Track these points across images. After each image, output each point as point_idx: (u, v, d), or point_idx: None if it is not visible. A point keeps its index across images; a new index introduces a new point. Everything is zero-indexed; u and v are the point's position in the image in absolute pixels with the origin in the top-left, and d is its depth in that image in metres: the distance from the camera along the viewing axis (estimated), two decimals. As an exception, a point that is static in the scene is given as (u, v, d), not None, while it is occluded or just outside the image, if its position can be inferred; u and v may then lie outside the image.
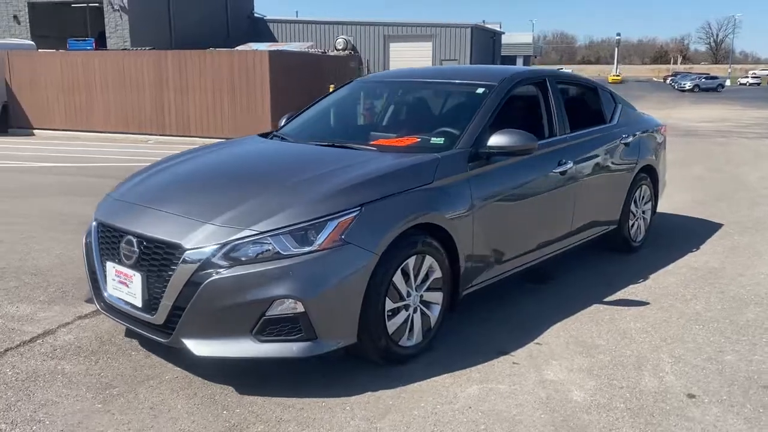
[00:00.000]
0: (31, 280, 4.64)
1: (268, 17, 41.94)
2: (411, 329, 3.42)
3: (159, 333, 3.09)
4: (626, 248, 5.49)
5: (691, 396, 3.13)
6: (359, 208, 3.13)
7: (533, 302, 4.38)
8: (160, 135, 15.02)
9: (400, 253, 3.24)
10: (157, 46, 29.45)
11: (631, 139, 5.29)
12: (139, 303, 3.14)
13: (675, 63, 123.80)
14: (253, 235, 2.97)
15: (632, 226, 5.48)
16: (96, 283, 3.43)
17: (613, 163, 5.06)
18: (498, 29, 48.90)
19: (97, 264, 3.40)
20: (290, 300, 2.92)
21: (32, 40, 33.14)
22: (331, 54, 34.85)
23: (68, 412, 2.89)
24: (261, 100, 13.74)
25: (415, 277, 3.38)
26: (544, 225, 4.37)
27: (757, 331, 3.93)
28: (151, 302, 3.10)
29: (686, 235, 6.23)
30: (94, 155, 12.34)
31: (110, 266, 3.30)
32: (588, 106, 5.28)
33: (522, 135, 3.82)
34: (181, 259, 2.97)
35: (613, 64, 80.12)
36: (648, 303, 4.38)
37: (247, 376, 3.21)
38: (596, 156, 4.86)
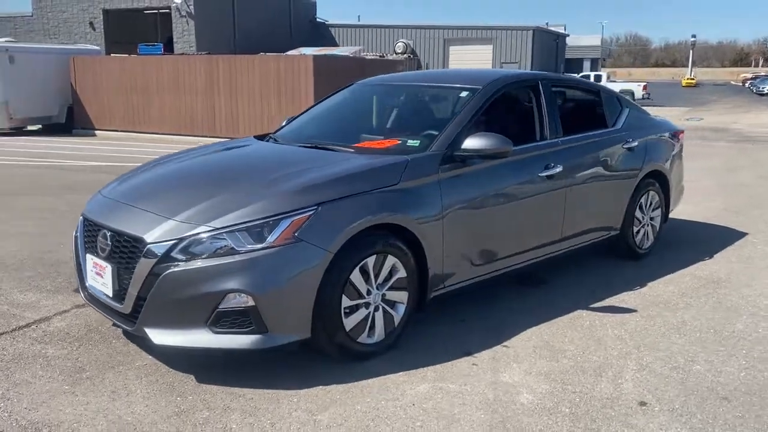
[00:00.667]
0: (45, 271, 4.96)
1: (330, 22, 42.58)
2: (372, 327, 3.50)
3: (126, 321, 3.28)
4: (631, 255, 5.39)
5: (642, 404, 3.09)
6: (316, 207, 3.24)
7: (517, 306, 4.38)
8: (211, 137, 15.53)
9: (358, 251, 3.33)
10: (221, 50, 30.43)
11: (635, 143, 5.19)
12: (110, 293, 3.34)
13: (756, 66, 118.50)
14: (209, 231, 3.13)
15: (637, 232, 5.37)
16: (81, 274, 3.66)
17: (612, 167, 4.99)
18: (562, 32, 48.05)
19: (81, 256, 3.63)
20: (241, 294, 3.06)
21: (106, 46, 34.80)
22: (390, 58, 35.15)
23: (37, 392, 3.11)
24: (305, 102, 14.01)
25: (376, 276, 3.45)
26: (528, 229, 4.36)
27: (739, 342, 3.81)
28: (120, 292, 3.29)
29: (704, 243, 6.04)
30: (144, 156, 12.89)
31: (89, 258, 3.52)
32: (587, 109, 5.23)
33: (496, 138, 3.84)
34: (143, 252, 3.15)
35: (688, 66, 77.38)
36: (635, 311, 4.31)
37: (213, 366, 3.37)
38: (592, 160, 4.80)
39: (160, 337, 3.15)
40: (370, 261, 3.41)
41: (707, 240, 6.16)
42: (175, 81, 15.73)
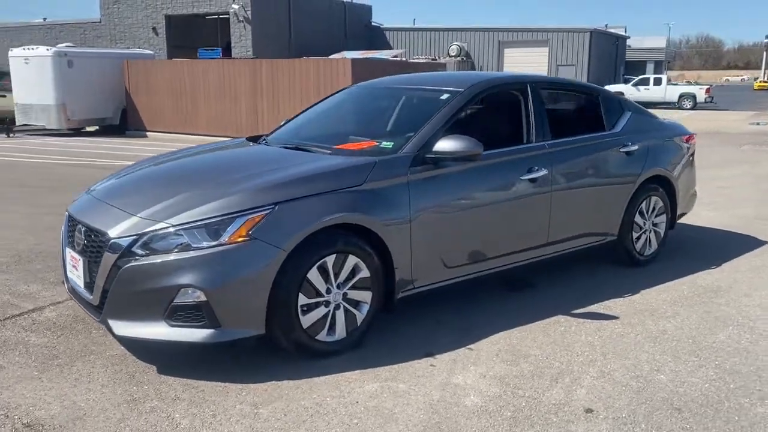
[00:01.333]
0: (54, 264, 5.22)
1: (385, 26, 42.84)
2: (333, 325, 3.56)
3: (95, 312, 3.45)
4: (631, 261, 5.27)
5: (588, 411, 3.05)
6: (273, 206, 3.32)
7: (497, 308, 4.35)
8: (254, 138, 15.91)
9: (316, 250, 3.40)
10: (277, 54, 31.06)
11: (634, 147, 5.08)
12: (82, 285, 3.52)
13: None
14: (167, 227, 3.26)
15: (638, 238, 5.25)
16: (64, 267, 3.86)
17: (606, 171, 4.90)
18: (622, 33, 46.88)
19: (63, 250, 3.84)
20: (194, 289, 3.17)
21: (167, 50, 36.02)
22: (442, 60, 35.09)
23: (6, 377, 3.31)
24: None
25: (336, 275, 3.51)
26: (510, 232, 4.34)
27: (715, 353, 3.70)
28: (90, 284, 3.46)
29: (718, 250, 5.84)
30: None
31: (68, 252, 3.72)
32: (582, 113, 5.15)
33: (467, 141, 3.84)
34: (108, 246, 3.31)
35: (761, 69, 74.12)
36: (616, 318, 4.23)
37: (176, 358, 3.50)
38: (583, 164, 4.74)
39: (120, 328, 3.30)
40: (330, 260, 3.47)
41: (722, 248, 5.96)
42: (220, 84, 16.18)
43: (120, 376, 3.33)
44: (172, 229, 3.24)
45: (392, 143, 4.03)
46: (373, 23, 43.16)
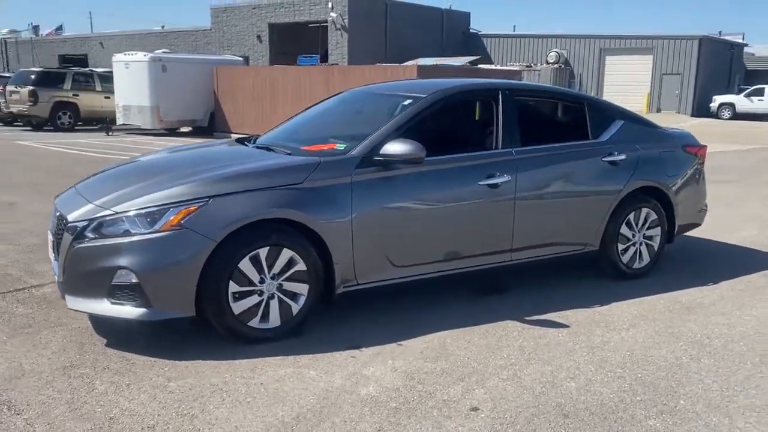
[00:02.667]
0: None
1: (483, 32, 42.65)
2: (267, 314, 3.81)
3: (60, 288, 3.89)
4: (617, 274, 5.17)
5: (474, 409, 3.12)
6: (207, 199, 3.63)
7: (455, 308, 4.44)
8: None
9: (248, 242, 3.67)
10: (373, 61, 31.76)
11: (621, 157, 5.00)
12: (54, 263, 3.97)
13: None
14: (113, 214, 3.64)
15: (624, 251, 5.14)
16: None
17: (584, 180, 4.86)
18: (739, 41, 44.10)
19: (48, 234, 4.32)
20: (129, 272, 3.53)
21: (270, 57, 37.65)
22: (537, 68, 34.54)
23: (-21, 339, 3.80)
24: (409, 111, 14.46)
25: (270, 266, 3.76)
26: (466, 235, 4.41)
27: (643, 366, 3.63)
28: (57, 263, 3.91)
29: (727, 268, 5.58)
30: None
31: (49, 235, 4.19)
32: (563, 121, 5.11)
33: (411, 144, 3.99)
34: (66, 228, 3.74)
35: None
36: (566, 327, 4.21)
37: (131, 333, 3.87)
38: (556, 172, 4.73)
39: (73, 302, 3.71)
40: (263, 252, 3.72)
41: (735, 266, 5.69)
42: (297, 89, 16.87)
43: (71, 346, 3.74)
44: (116, 216, 3.62)
45: (345, 145, 4.23)
46: (471, 30, 43.10)
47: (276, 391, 3.25)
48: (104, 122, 18.76)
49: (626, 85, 37.15)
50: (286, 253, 3.79)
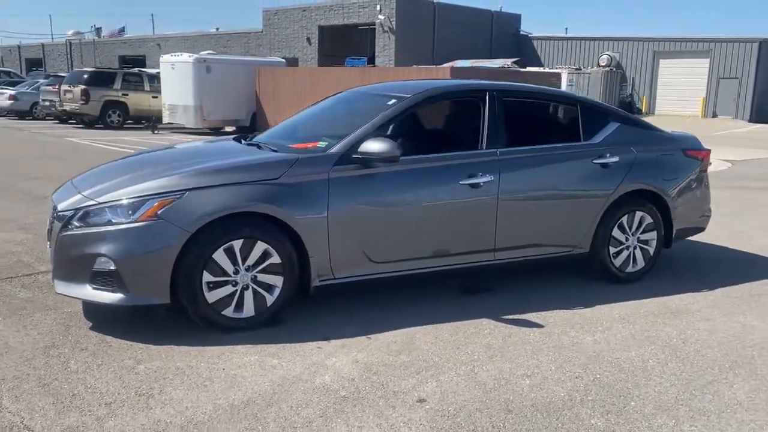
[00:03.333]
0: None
1: (533, 35, 42.20)
2: (241, 304, 3.96)
3: (52, 272, 4.13)
4: (609, 277, 5.13)
5: (421, 401, 3.20)
6: (183, 192, 3.81)
7: (434, 306, 4.50)
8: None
9: (222, 234, 3.82)
10: (420, 63, 31.87)
11: (613, 159, 4.97)
12: (49, 251, 4.22)
13: None
14: (96, 204, 3.85)
15: (617, 254, 5.10)
16: (52, 237, 4.61)
17: (573, 182, 4.85)
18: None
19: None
20: (107, 258, 3.73)
21: (319, 58, 38.16)
22: (587, 71, 33.98)
23: (-23, 319, 4.08)
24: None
25: (244, 258, 3.91)
26: (446, 234, 4.47)
27: (604, 367, 3.63)
28: (51, 250, 4.15)
29: (730, 274, 5.47)
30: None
31: (48, 224, 4.45)
32: (553, 122, 5.10)
33: (386, 143, 4.09)
34: (56, 217, 3.98)
35: None
36: (541, 327, 4.23)
37: (119, 318, 4.09)
38: (540, 173, 4.74)
39: (60, 287, 3.94)
40: (237, 244, 3.87)
41: (731, 272, 5.58)
42: (336, 90, 17.03)
43: (58, 328, 3.97)
44: (99, 206, 3.83)
45: (327, 143, 4.36)
46: (521, 32, 42.71)
47: (235, 377, 3.39)
48: (150, 121, 19.41)
49: (681, 89, 36.21)
50: (261, 246, 3.93)
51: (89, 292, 3.83)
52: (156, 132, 19.25)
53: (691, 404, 3.24)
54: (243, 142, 4.98)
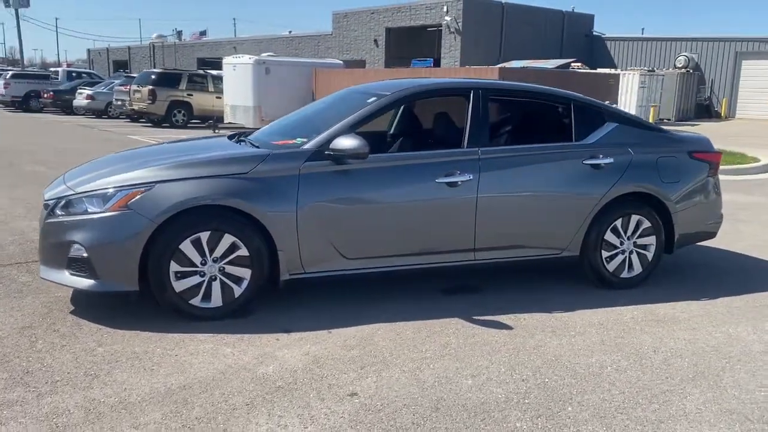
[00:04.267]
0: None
1: (607, 35, 40.99)
2: (209, 294, 4.09)
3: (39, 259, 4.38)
4: (602, 282, 4.97)
5: (352, 394, 3.22)
6: (152, 184, 3.96)
7: (410, 304, 4.49)
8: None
9: (189, 225, 3.96)
10: (487, 64, 31.58)
11: (607, 160, 4.81)
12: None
13: None
14: (75, 194, 4.06)
15: (610, 258, 4.94)
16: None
17: (560, 183, 4.73)
18: None
19: None
20: (80, 246, 3.93)
21: (386, 60, 38.39)
22: (661, 73, 32.73)
23: (-27, 299, 4.38)
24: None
25: (211, 249, 4.03)
26: (421, 232, 4.45)
27: (558, 372, 3.54)
28: (42, 237, 4.41)
29: (731, 282, 5.21)
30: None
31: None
32: (544, 121, 4.98)
33: (355, 140, 4.13)
34: (44, 205, 4.22)
35: None
36: (510, 329, 4.16)
37: (103, 303, 4.30)
38: (524, 173, 4.64)
39: (43, 272, 4.17)
40: (204, 236, 4.00)
41: (741, 281, 5.29)
42: (386, 91, 17.18)
43: (41, 310, 4.21)
44: (77, 196, 4.04)
45: (302, 139, 4.43)
46: (594, 33, 41.56)
47: (183, 363, 3.51)
48: (211, 120, 20.07)
49: (764, 92, 34.31)
50: (228, 239, 4.04)
51: (67, 278, 4.05)
52: (216, 131, 19.88)
53: (632, 413, 3.12)
54: (233, 139, 5.12)
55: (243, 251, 4.08)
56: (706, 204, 5.27)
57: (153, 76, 20.89)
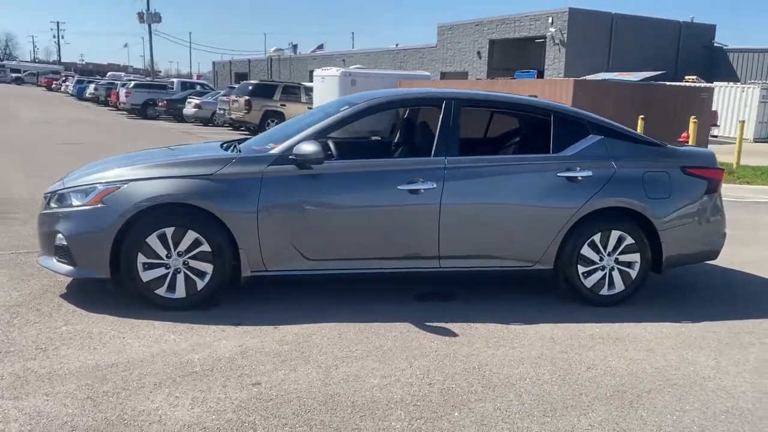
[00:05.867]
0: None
1: (730, 47, 38.57)
2: (173, 285, 4.42)
3: (41, 247, 4.91)
4: (581, 299, 4.85)
5: (255, 384, 3.40)
6: (126, 182, 4.36)
7: (373, 306, 4.61)
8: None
9: (155, 221, 4.32)
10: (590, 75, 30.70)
11: (584, 174, 4.72)
12: (45, 228, 5.02)
13: None
14: (64, 189, 4.54)
15: (588, 274, 4.81)
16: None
17: (529, 194, 4.68)
18: None
19: None
20: (61, 235, 4.39)
21: (488, 72, 38.16)
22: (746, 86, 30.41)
23: (-12, 279, 4.97)
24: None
25: (176, 244, 4.37)
26: (383, 237, 4.56)
27: (470, 380, 3.56)
28: (46, 228, 4.94)
29: (729, 307, 4.92)
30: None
31: (53, 206, 5.25)
32: (520, 133, 4.93)
33: (312, 146, 4.35)
34: (43, 198, 4.74)
35: None
36: (456, 336, 4.19)
37: (94, 288, 4.75)
38: (492, 183, 4.65)
39: (41, 260, 4.68)
40: (169, 231, 4.34)
41: (738, 304, 4.98)
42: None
43: (38, 291, 4.71)
44: (65, 191, 4.52)
45: (272, 144, 4.68)
46: (715, 44, 39.24)
47: (125, 345, 3.84)
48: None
49: None
50: (191, 235, 4.36)
51: (54, 264, 4.52)
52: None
53: (516, 424, 3.10)
54: (224, 145, 5.47)
55: (205, 247, 4.38)
56: (704, 223, 5.01)
57: (250, 87, 22.06)
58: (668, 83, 20.56)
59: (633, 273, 4.87)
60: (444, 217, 4.57)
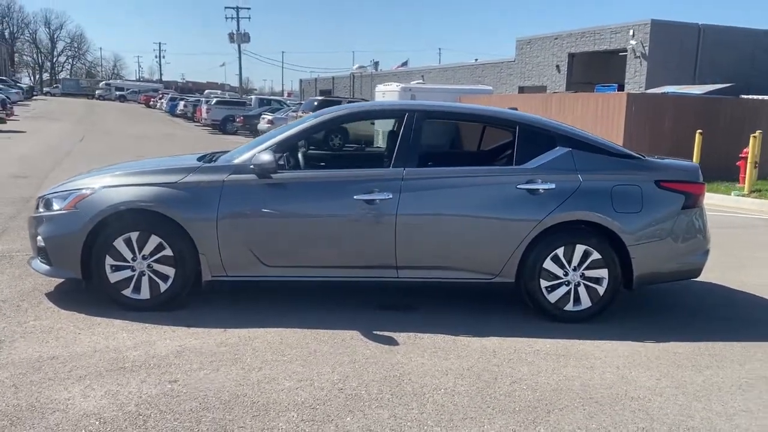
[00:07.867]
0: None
1: (831, 57, 35.92)
2: (138, 287, 4.68)
3: (35, 248, 5.30)
4: (545, 315, 4.75)
5: (173, 381, 3.56)
6: (98, 189, 4.67)
7: (335, 315, 4.69)
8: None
9: (121, 226, 4.59)
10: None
11: (546, 186, 4.63)
12: (42, 231, 5.42)
13: None
14: (50, 194, 4.91)
15: (551, 289, 4.70)
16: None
17: (488, 206, 4.64)
18: None
19: None
20: (40, 238, 4.74)
21: (567, 86, 37.40)
22: None
23: (-9, 277, 5.41)
24: (615, 137, 13.60)
25: (140, 248, 4.63)
26: (339, 246, 4.65)
27: (373, 388, 3.57)
28: (41, 231, 5.34)
29: (709, 328, 4.68)
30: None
31: (55, 211, 5.66)
32: (483, 145, 4.88)
33: (266, 156, 4.53)
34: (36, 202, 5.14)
35: None
36: (397, 345, 4.22)
37: (75, 288, 5.09)
38: (451, 194, 4.64)
39: (31, 261, 5.06)
40: (134, 235, 4.61)
41: (720, 326, 4.71)
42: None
43: (25, 290, 5.08)
44: (50, 196, 4.88)
45: (236, 154, 4.88)
46: (815, 54, 36.65)
47: (75, 340, 4.10)
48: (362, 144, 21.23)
49: None
50: (155, 239, 4.61)
51: (38, 264, 4.88)
52: (364, 154, 21.02)
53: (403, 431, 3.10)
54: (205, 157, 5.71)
55: (168, 251, 4.62)
56: (681, 240, 4.79)
57: (315, 103, 22.64)
58: (739, 97, 19.35)
59: (601, 289, 4.72)
60: (400, 227, 4.61)
